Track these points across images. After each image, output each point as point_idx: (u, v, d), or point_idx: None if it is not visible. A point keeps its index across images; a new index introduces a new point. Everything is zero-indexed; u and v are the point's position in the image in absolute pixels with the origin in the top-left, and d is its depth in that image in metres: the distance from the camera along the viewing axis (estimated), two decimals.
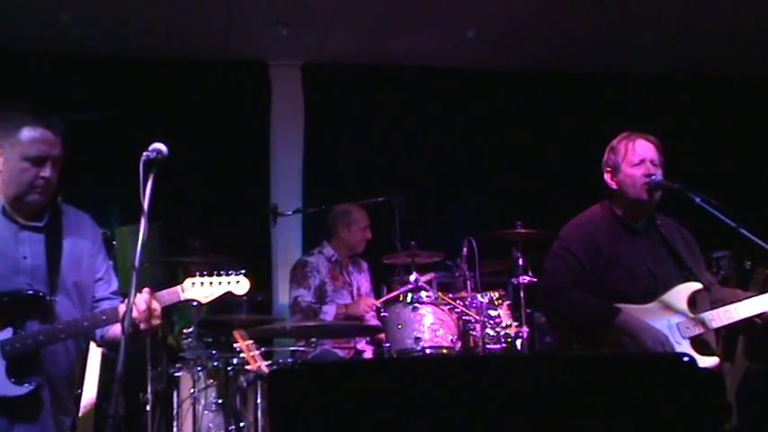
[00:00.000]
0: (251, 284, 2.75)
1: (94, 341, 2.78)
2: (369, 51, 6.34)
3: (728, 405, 2.95)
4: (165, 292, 2.62)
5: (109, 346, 2.76)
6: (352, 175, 6.30)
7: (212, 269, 2.73)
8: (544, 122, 6.62)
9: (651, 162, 3.27)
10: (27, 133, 2.55)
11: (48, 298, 2.56)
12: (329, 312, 4.78)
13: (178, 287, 2.65)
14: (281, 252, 6.21)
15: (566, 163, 6.36)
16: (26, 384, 2.48)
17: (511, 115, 6.63)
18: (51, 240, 2.63)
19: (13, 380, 2.47)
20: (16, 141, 2.55)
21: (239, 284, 2.73)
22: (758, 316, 3.12)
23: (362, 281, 5.14)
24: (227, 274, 2.71)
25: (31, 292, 2.55)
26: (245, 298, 4.57)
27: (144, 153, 2.51)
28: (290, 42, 6.06)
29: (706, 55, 6.43)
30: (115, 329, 2.65)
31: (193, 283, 2.67)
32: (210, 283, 2.69)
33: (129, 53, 6.06)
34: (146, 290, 2.52)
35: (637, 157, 3.27)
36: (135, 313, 2.45)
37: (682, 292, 3.17)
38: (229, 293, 2.71)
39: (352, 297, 5.00)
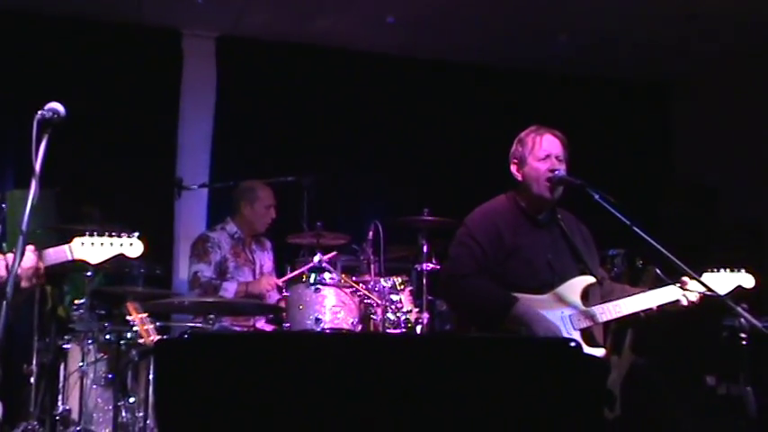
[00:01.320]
0: (146, 251, 2.64)
1: None
2: (287, 29, 6.25)
3: (612, 393, 3.07)
4: (51, 250, 2.48)
5: None
6: (262, 152, 6.21)
7: (102, 230, 2.60)
8: (456, 112, 6.71)
9: (556, 158, 3.35)
10: None
11: None
12: (229, 289, 4.70)
13: (66, 246, 2.53)
14: (183, 226, 6.06)
15: (475, 153, 6.47)
16: None
17: (423, 103, 6.68)
18: None
19: None
20: None
21: (132, 247, 2.61)
22: (644, 311, 3.27)
23: (265, 259, 5.08)
24: (119, 236, 2.60)
25: None
26: (142, 270, 4.46)
27: (39, 112, 2.39)
28: (205, 13, 5.90)
29: (613, 58, 6.65)
30: None
31: (83, 243, 2.55)
32: (102, 243, 2.57)
33: (36, 9, 5.76)
34: (30, 247, 2.40)
35: (543, 152, 3.34)
36: (1, 272, 2.34)
37: (576, 285, 3.27)
38: (122, 256, 2.59)
39: (254, 275, 4.93)
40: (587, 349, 3.10)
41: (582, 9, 5.84)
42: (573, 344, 1.44)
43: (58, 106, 2.40)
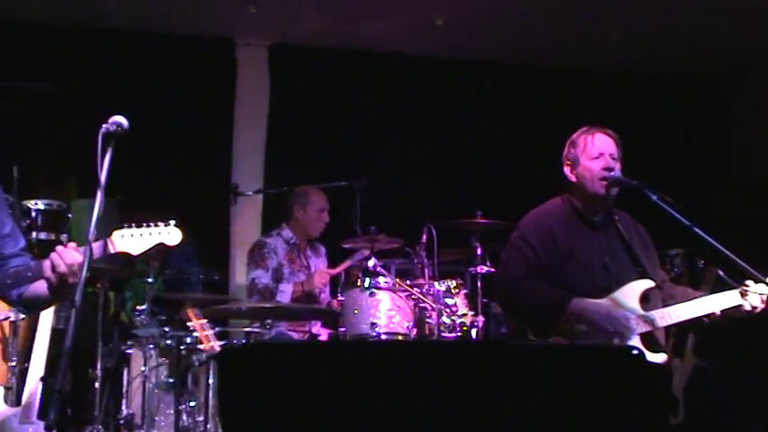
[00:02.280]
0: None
1: (7, 301, 2.66)
2: (337, 35, 6.30)
3: (675, 399, 3.01)
4: (94, 244, 2.46)
5: (26, 305, 2.65)
6: (314, 157, 6.26)
7: (139, 221, 2.59)
8: (508, 113, 6.67)
9: (610, 156, 3.30)
10: None
11: None
12: (285, 291, 4.77)
13: (106, 240, 2.54)
14: (239, 232, 6.15)
15: (528, 154, 6.41)
16: None
17: (476, 105, 6.65)
18: None
19: None
20: None
21: (170, 235, 2.59)
22: (706, 316, 3.19)
23: (320, 264, 5.13)
24: (156, 225, 2.59)
25: None
26: (201, 276, 4.55)
27: (103, 125, 2.46)
28: (258, 22, 5.99)
29: (667, 53, 6.52)
30: (35, 287, 2.56)
31: (122, 236, 2.56)
32: (141, 234, 2.57)
33: (96, 24, 5.92)
34: (71, 244, 2.45)
35: (596, 151, 3.29)
36: (62, 268, 2.39)
37: (634, 289, 3.21)
38: (161, 245, 2.58)
39: None
40: (649, 356, 3.04)
41: (633, 3, 5.74)
42: (635, 351, 1.42)
43: (121, 119, 2.46)
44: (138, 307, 4.42)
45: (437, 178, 6.50)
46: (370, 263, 4.32)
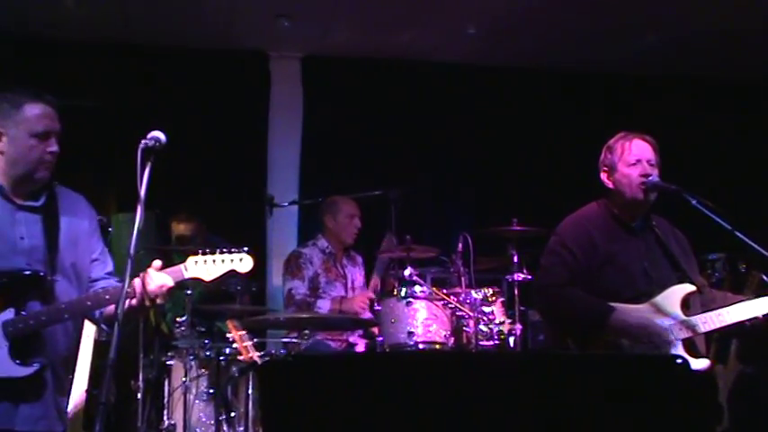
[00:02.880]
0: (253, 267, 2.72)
1: (92, 320, 2.76)
2: (369, 45, 6.33)
3: (720, 407, 2.96)
4: (168, 270, 2.59)
5: (108, 323, 2.74)
6: (349, 168, 6.29)
7: (214, 248, 2.68)
8: (542, 120, 6.63)
9: (648, 162, 3.27)
10: (30, 110, 2.56)
11: (48, 278, 2.55)
12: (323, 308, 4.78)
13: (181, 266, 2.62)
14: (276, 243, 6.20)
15: (563, 161, 6.37)
16: (31, 365, 2.48)
17: (509, 112, 6.63)
18: (48, 221, 2.62)
19: (17, 361, 2.46)
20: (21, 120, 2.56)
21: (242, 262, 2.68)
22: (749, 320, 3.13)
23: (356, 274, 5.14)
24: (230, 252, 2.67)
25: (29, 272, 2.54)
26: (239, 287, 4.59)
27: (142, 141, 2.51)
28: (290, 34, 6.05)
29: (705, 57, 6.43)
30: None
31: (196, 262, 2.63)
32: (214, 261, 2.64)
33: (130, 40, 6.03)
34: (156, 263, 2.54)
35: (633, 157, 3.27)
36: (151, 287, 2.49)
37: (675, 294, 3.17)
38: (233, 272, 2.66)
39: (346, 290, 5.00)
40: (692, 362, 2.99)
41: (669, 5, 5.68)
42: (679, 360, 1.40)
43: (159, 135, 2.51)
44: (177, 318, 4.47)
45: (472, 186, 6.49)
46: (407, 272, 4.33)
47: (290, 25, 5.87)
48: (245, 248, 2.70)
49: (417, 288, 4.20)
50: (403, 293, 4.14)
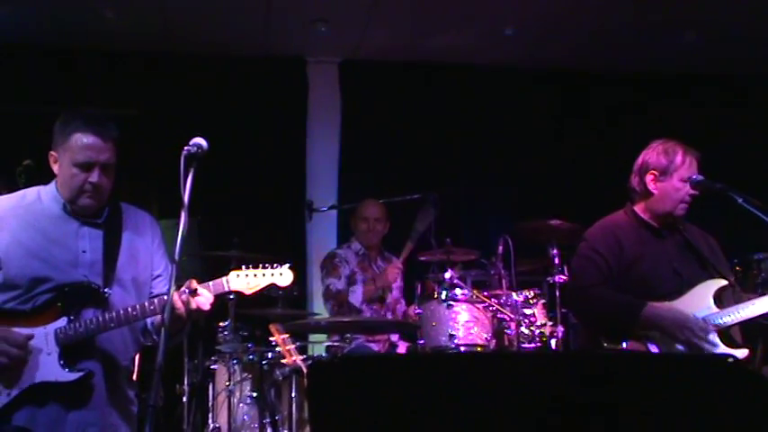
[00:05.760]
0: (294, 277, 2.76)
1: (144, 329, 2.82)
2: (406, 48, 6.34)
3: None
4: (210, 283, 2.65)
5: (158, 332, 2.79)
6: (387, 172, 6.30)
7: (256, 262, 2.74)
8: (580, 120, 6.58)
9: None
10: (76, 140, 2.62)
11: (103, 290, 2.63)
12: (357, 292, 4.88)
13: (223, 279, 2.68)
14: (315, 247, 6.23)
15: (602, 161, 6.29)
16: (78, 371, 2.55)
17: (547, 113, 6.60)
18: (110, 236, 2.71)
19: (65, 366, 2.54)
20: (67, 147, 2.63)
21: (283, 276, 2.74)
22: (763, 316, 3.12)
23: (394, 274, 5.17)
24: (272, 266, 2.73)
25: (87, 283, 2.63)
26: (280, 292, 4.62)
27: (185, 148, 2.55)
28: (328, 39, 6.09)
29: (741, 54, 6.31)
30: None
31: (238, 275, 2.70)
32: (255, 275, 2.70)
33: (170, 50, 6.13)
34: (192, 281, 2.58)
35: (688, 174, 3.28)
36: (193, 304, 2.54)
37: (707, 289, 3.19)
38: (273, 285, 2.72)
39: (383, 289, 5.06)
40: (722, 349, 3.06)
41: (709, 2, 5.60)
42: (731, 359, 1.38)
43: (201, 141, 2.56)
44: (220, 323, 4.52)
45: (511, 188, 6.45)
46: (447, 275, 4.32)
47: (327, 30, 5.92)
48: (288, 263, 2.74)
49: (458, 291, 4.19)
50: (444, 296, 4.14)
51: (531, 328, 4.31)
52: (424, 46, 6.28)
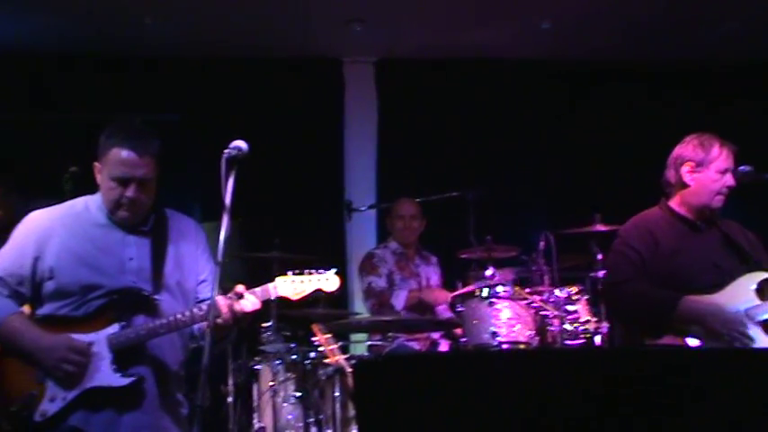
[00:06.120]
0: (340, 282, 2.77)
1: (191, 335, 2.86)
2: (442, 45, 6.31)
3: None
4: (258, 289, 2.68)
5: (203, 337, 2.83)
6: (425, 170, 6.28)
7: (298, 264, 2.76)
8: (621, 114, 6.48)
9: (732, 173, 3.29)
10: (114, 154, 2.65)
11: (152, 296, 2.68)
12: (400, 296, 4.88)
13: (270, 285, 2.71)
14: (355, 247, 6.25)
15: (643, 154, 6.18)
16: (129, 376, 2.60)
17: (585, 106, 6.51)
18: (156, 243, 2.75)
19: (118, 371, 2.59)
20: (106, 161, 2.68)
21: (329, 282, 2.75)
22: None
23: (431, 273, 5.19)
24: (318, 272, 2.75)
25: (136, 290, 2.68)
26: (321, 293, 4.64)
27: (225, 150, 2.58)
28: (363, 39, 6.10)
29: None
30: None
31: (284, 282, 2.72)
32: (302, 281, 2.72)
33: (207, 54, 6.20)
34: (239, 286, 2.62)
35: (725, 166, 3.26)
36: (239, 309, 2.56)
37: (749, 281, 3.13)
38: (319, 291, 2.74)
39: (420, 288, 5.04)
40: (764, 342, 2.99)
41: None
42: None
43: (242, 144, 2.58)
44: (263, 324, 4.56)
45: (551, 184, 6.40)
46: (488, 272, 4.30)
47: (362, 30, 5.92)
48: (334, 269, 2.75)
49: (500, 288, 4.17)
50: (485, 294, 4.12)
51: (575, 324, 4.27)
52: (460, 42, 6.25)
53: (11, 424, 2.60)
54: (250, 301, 2.62)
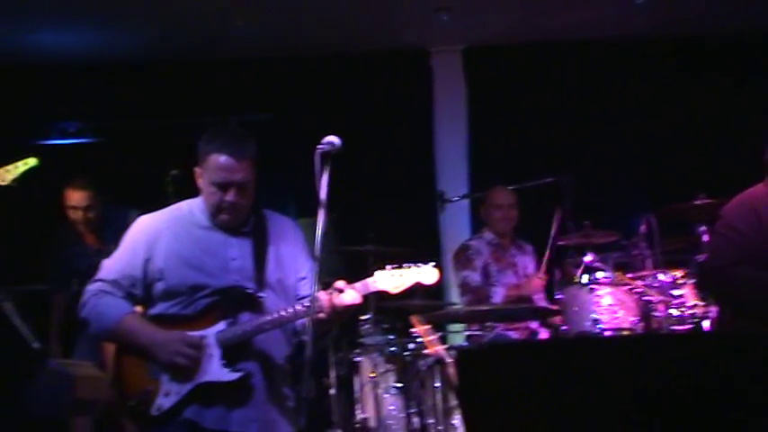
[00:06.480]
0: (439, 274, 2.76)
1: (293, 331, 2.92)
2: (530, 29, 6.21)
3: None
4: (358, 284, 2.70)
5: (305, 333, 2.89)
6: (518, 156, 6.19)
7: (393, 257, 2.76)
8: (719, 87, 6.18)
9: None
10: (213, 160, 2.72)
11: (256, 294, 2.75)
12: (498, 294, 4.80)
13: (369, 279, 2.72)
14: (449, 238, 6.23)
15: (746, 129, 5.90)
16: (238, 371, 2.68)
17: (684, 82, 6.25)
18: (257, 244, 2.82)
19: (227, 367, 2.67)
20: (206, 167, 2.75)
21: (428, 275, 2.73)
22: None
23: (527, 262, 5.09)
24: (416, 265, 2.74)
25: (240, 288, 2.76)
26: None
27: (318, 146, 2.61)
28: (450, 28, 6.06)
29: None
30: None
31: (383, 275, 2.73)
32: (400, 275, 2.71)
33: (295, 52, 6.30)
34: (340, 282, 2.65)
35: None
36: (339, 304, 2.60)
37: None
38: (418, 284, 2.73)
39: (518, 278, 4.97)
40: None
41: None
42: None
43: (334, 139, 2.60)
44: (362, 317, 4.61)
45: (648, 165, 6.19)
46: (587, 258, 4.21)
47: (448, 18, 5.88)
48: (432, 262, 2.73)
49: (600, 274, 4.07)
50: (585, 280, 4.03)
51: (681, 309, 4.13)
52: (549, 25, 6.12)
53: (129, 418, 2.73)
54: (350, 296, 2.65)
